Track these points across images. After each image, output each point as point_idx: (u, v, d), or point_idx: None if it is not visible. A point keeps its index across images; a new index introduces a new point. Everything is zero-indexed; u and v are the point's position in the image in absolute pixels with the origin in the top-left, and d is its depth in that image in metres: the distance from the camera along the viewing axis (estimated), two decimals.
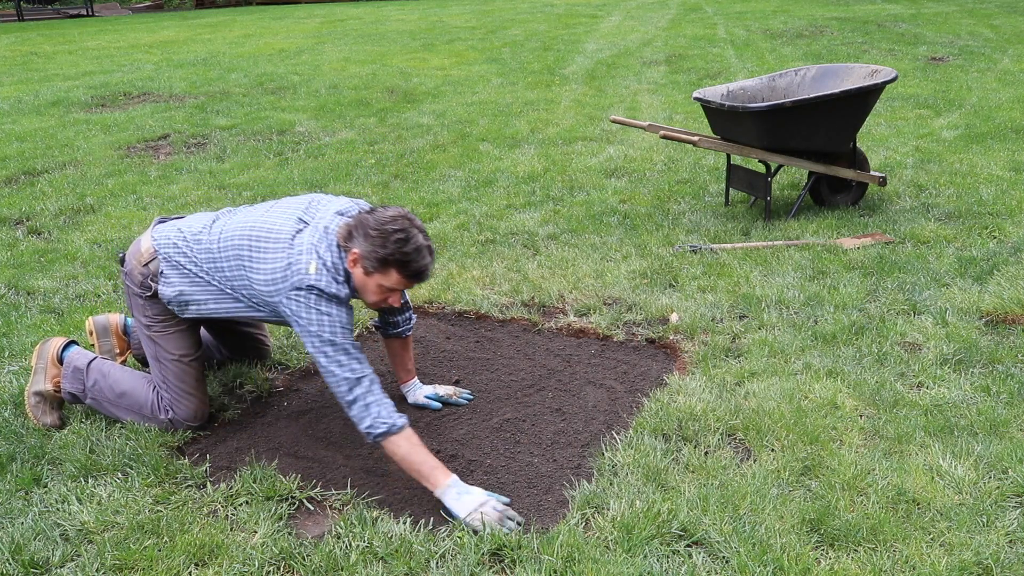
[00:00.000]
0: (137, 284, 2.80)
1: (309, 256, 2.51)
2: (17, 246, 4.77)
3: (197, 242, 2.74)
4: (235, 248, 2.65)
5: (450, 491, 2.39)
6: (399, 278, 2.49)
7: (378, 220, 2.46)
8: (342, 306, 2.53)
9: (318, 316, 2.48)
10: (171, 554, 2.24)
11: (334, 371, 2.48)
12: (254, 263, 2.60)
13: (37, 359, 3.01)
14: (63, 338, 3.07)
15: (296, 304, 2.50)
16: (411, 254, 2.45)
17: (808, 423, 2.73)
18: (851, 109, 4.53)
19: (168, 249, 2.77)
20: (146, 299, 2.81)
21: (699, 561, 2.16)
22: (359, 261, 2.49)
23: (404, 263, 2.46)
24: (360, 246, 2.47)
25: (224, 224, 2.75)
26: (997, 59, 9.36)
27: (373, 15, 18.24)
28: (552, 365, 3.27)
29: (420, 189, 5.59)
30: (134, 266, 2.81)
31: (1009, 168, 5.44)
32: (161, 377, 2.84)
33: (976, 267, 3.91)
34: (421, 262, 2.48)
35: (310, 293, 2.48)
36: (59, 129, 7.74)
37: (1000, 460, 2.51)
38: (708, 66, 9.81)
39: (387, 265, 2.46)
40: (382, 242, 2.44)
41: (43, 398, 2.94)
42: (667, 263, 4.14)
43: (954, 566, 2.10)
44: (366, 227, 2.46)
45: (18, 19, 22.56)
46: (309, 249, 2.52)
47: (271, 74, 10.44)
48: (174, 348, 2.84)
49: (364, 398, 2.46)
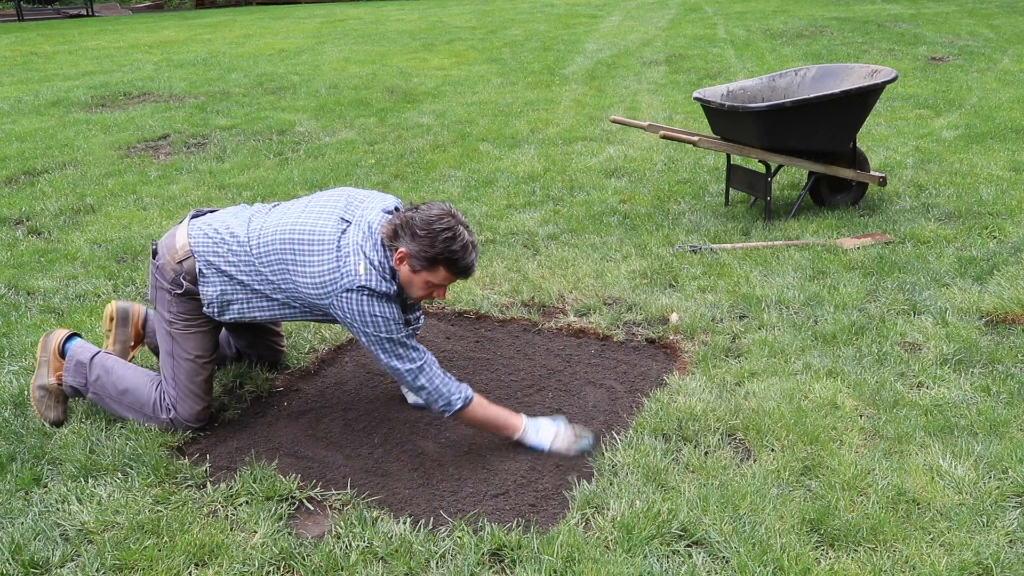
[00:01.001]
0: (168, 280, 2.76)
1: (357, 257, 2.55)
2: (17, 246, 4.77)
3: (237, 242, 2.72)
4: (277, 252, 2.64)
5: (528, 431, 2.68)
6: (447, 275, 2.57)
7: (425, 219, 2.50)
8: (392, 303, 2.58)
9: (372, 316, 2.54)
10: (171, 554, 2.24)
11: (396, 366, 2.59)
12: (299, 266, 2.60)
13: (41, 351, 2.99)
14: (66, 330, 3.05)
15: (348, 305, 2.54)
16: (459, 252, 2.52)
17: (808, 423, 2.73)
18: (851, 109, 4.53)
19: (205, 249, 2.73)
20: (174, 296, 2.77)
21: (699, 561, 2.16)
22: (406, 259, 2.54)
23: (452, 261, 2.53)
24: (407, 245, 2.52)
25: (262, 224, 2.73)
26: (997, 59, 9.36)
27: (373, 15, 18.24)
28: (552, 365, 3.27)
29: (420, 189, 5.59)
30: (167, 261, 2.77)
31: (1009, 168, 5.44)
32: (171, 373, 2.82)
33: (976, 267, 3.91)
34: (468, 259, 2.55)
35: (361, 294, 2.52)
36: (59, 129, 7.74)
37: (1000, 460, 2.51)
38: (708, 66, 9.81)
39: (436, 263, 2.53)
40: (430, 241, 2.49)
41: (47, 392, 2.93)
42: (667, 263, 4.14)
43: (954, 566, 2.10)
44: (413, 226, 2.50)
45: (18, 19, 22.56)
46: (356, 250, 2.56)
47: (271, 74, 10.44)
48: (192, 348, 2.82)
49: (431, 382, 2.60)
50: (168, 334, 2.83)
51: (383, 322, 2.55)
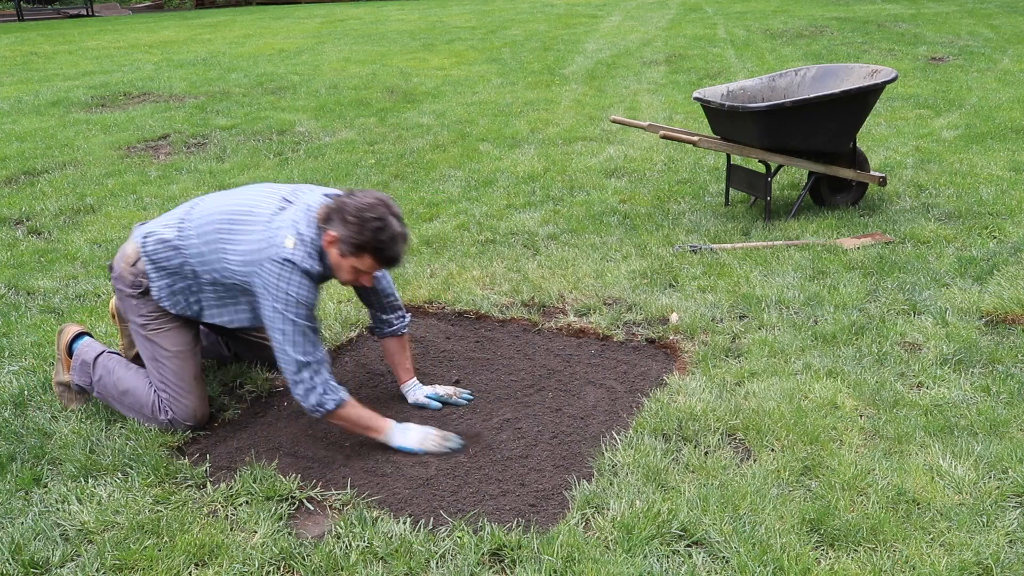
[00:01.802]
0: (128, 285, 2.84)
1: (287, 231, 2.58)
2: (17, 246, 4.77)
3: (179, 228, 2.77)
4: (214, 224, 2.70)
5: (395, 432, 2.71)
6: (372, 263, 2.59)
7: (357, 207, 2.53)
8: (312, 283, 2.60)
9: (286, 294, 2.55)
10: (171, 554, 2.24)
11: (287, 351, 2.58)
12: (232, 243, 2.66)
13: (56, 348, 3.08)
14: (77, 327, 3.10)
15: (268, 275, 2.57)
16: (386, 242, 2.54)
17: (808, 423, 2.73)
18: (851, 109, 4.53)
19: (151, 248, 2.79)
20: (139, 297, 2.84)
21: (699, 561, 2.16)
22: (335, 243, 2.57)
23: (379, 250, 2.55)
24: (338, 229, 2.55)
25: (206, 205, 2.80)
26: (997, 59, 9.36)
27: (373, 15, 18.24)
28: (552, 365, 3.27)
29: (420, 189, 5.59)
30: (123, 268, 2.85)
31: (1009, 168, 5.44)
32: (159, 376, 2.84)
33: (976, 267, 3.91)
34: (395, 250, 2.57)
35: (284, 267, 2.55)
36: (59, 129, 7.74)
37: (1000, 460, 2.51)
38: (708, 66, 9.81)
39: (363, 251, 2.55)
40: (359, 229, 2.52)
41: (66, 387, 3.03)
42: (667, 263, 4.14)
43: (954, 566, 2.10)
44: (345, 212, 2.54)
45: (18, 19, 22.56)
46: (289, 226, 2.60)
47: (271, 74, 10.44)
48: (170, 344, 2.86)
49: (312, 380, 2.59)
50: (145, 338, 2.88)
51: (294, 304, 2.56)
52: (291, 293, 2.56)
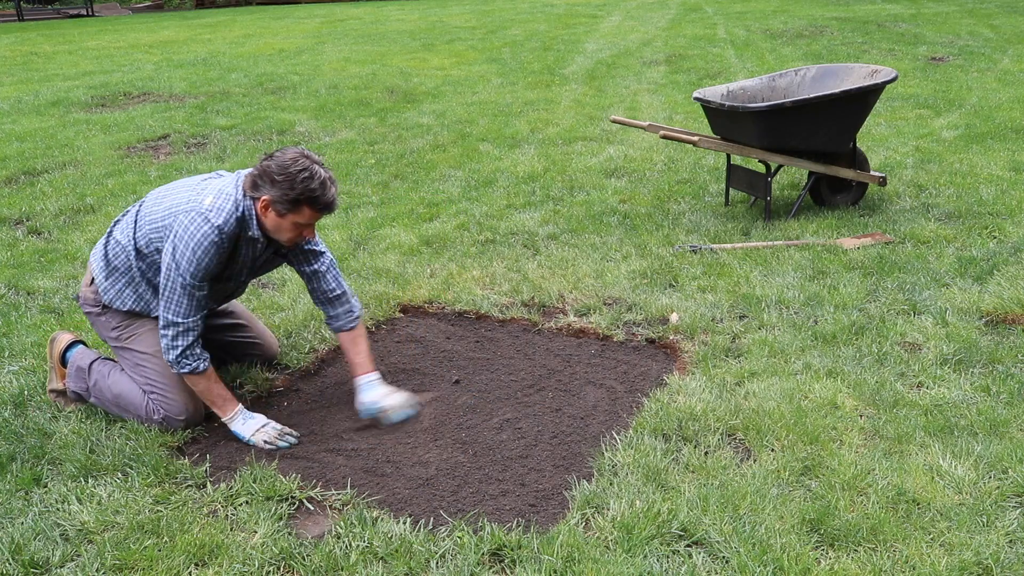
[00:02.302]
0: (92, 303, 2.95)
1: (208, 193, 2.69)
2: (17, 246, 4.78)
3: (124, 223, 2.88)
4: (148, 212, 2.81)
5: (236, 418, 2.80)
6: (311, 213, 2.68)
7: (280, 164, 2.62)
8: (221, 241, 2.65)
9: (186, 244, 2.63)
10: (171, 554, 2.24)
11: (163, 305, 2.69)
12: (159, 207, 2.77)
13: (48, 357, 3.10)
14: (69, 337, 3.11)
15: (180, 225, 2.65)
16: (318, 189, 2.62)
17: (808, 423, 2.73)
18: (851, 109, 4.53)
19: (96, 261, 2.91)
20: (105, 312, 2.93)
21: (699, 561, 2.16)
22: (270, 206, 2.65)
23: (314, 198, 2.64)
24: (268, 192, 2.63)
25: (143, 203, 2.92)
26: (997, 59, 9.36)
27: (373, 15, 18.24)
28: (552, 365, 3.27)
29: (420, 189, 5.59)
30: (85, 292, 2.99)
31: (1009, 168, 5.44)
32: (145, 380, 2.87)
33: (976, 267, 3.91)
34: (328, 194, 2.66)
35: (196, 218, 2.64)
36: (59, 129, 7.74)
37: (1000, 460, 2.51)
38: (708, 66, 9.81)
39: (299, 204, 2.64)
40: (290, 184, 2.60)
41: (60, 394, 3.06)
42: (667, 263, 4.14)
43: (954, 566, 2.10)
44: (271, 173, 2.62)
45: (18, 19, 22.56)
46: (214, 190, 2.69)
47: (271, 74, 10.44)
48: (145, 346, 2.90)
49: (172, 340, 2.72)
50: (123, 348, 2.94)
51: (191, 255, 2.62)
52: (192, 246, 2.62)
